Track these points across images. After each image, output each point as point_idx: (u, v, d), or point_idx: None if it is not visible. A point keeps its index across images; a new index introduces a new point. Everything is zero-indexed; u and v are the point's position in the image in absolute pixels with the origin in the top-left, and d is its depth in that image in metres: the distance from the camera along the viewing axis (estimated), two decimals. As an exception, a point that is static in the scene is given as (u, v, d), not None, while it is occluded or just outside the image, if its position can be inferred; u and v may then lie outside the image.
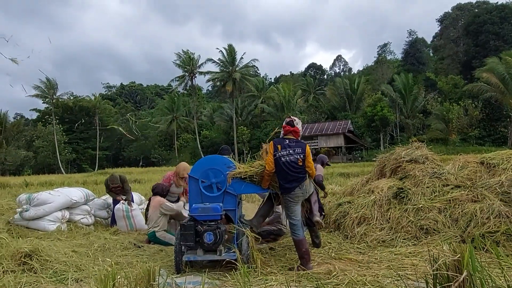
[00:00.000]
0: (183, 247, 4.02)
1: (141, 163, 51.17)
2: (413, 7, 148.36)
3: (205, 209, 3.95)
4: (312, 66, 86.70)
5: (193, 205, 4.08)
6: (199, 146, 48.50)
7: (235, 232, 4.12)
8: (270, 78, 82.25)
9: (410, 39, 63.68)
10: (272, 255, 4.75)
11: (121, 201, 6.79)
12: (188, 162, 6.61)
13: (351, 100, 50.17)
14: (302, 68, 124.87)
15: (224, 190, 4.19)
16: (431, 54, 67.95)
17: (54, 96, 48.48)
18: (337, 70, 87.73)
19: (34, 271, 3.92)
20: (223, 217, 4.13)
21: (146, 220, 6.14)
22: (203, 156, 5.11)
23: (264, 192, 4.52)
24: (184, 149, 52.37)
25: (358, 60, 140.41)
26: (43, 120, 52.15)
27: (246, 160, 4.57)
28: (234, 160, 4.45)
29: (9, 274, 3.75)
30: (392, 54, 74.94)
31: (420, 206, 5.18)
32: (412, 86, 42.90)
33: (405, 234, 4.92)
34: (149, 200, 5.93)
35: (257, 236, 4.31)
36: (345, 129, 41.11)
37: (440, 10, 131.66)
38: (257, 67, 72.07)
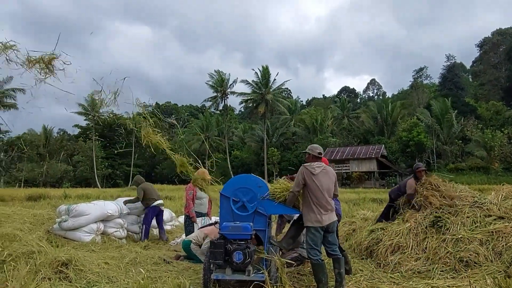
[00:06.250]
0: (212, 265, 4.02)
1: (173, 179, 51.97)
2: (450, 31, 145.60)
3: (236, 227, 3.95)
4: (345, 89, 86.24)
5: (224, 223, 4.09)
6: (229, 166, 48.88)
7: (265, 253, 4.08)
8: (302, 101, 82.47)
9: (448, 63, 62.11)
10: (301, 279, 4.64)
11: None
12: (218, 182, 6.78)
13: (386, 124, 49.11)
14: (328, 92, 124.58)
15: (255, 210, 4.18)
16: (470, 80, 65.75)
17: (97, 114, 50.95)
18: (371, 94, 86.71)
19: (69, 280, 4.06)
20: (253, 237, 4.11)
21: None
22: (233, 176, 5.17)
23: (295, 213, 4.47)
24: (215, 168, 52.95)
25: (391, 84, 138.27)
26: (84, 135, 54.78)
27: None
28: None
29: (46, 281, 3.90)
30: (429, 78, 73.23)
31: (459, 236, 4.91)
32: (447, 110, 41.49)
33: (443, 266, 4.66)
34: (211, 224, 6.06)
35: (289, 261, 4.26)
36: (378, 153, 40.02)
37: (479, 35, 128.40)
38: (289, 90, 72.67)
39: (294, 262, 5.13)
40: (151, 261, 5.42)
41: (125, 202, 7.43)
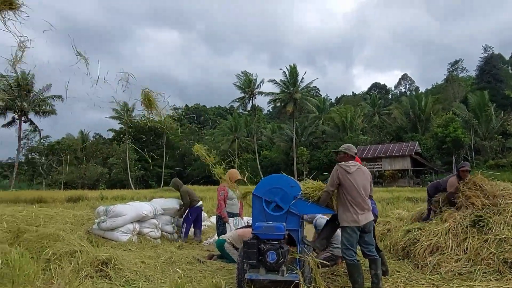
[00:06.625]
0: (245, 265, 4.05)
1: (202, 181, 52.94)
2: (486, 21, 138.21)
3: (269, 227, 3.96)
4: (376, 85, 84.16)
5: (257, 223, 4.11)
6: (258, 166, 49.01)
7: (298, 253, 4.06)
8: (330, 99, 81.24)
9: (486, 55, 59.10)
10: (335, 280, 4.58)
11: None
12: (247, 182, 6.89)
13: (419, 120, 47.45)
14: (358, 89, 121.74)
15: (287, 210, 4.17)
16: (510, 71, 62.25)
17: (129, 118, 52.72)
18: (403, 90, 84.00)
19: (109, 278, 4.23)
20: (286, 237, 4.10)
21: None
22: (262, 176, 5.20)
23: (328, 213, 4.42)
24: (244, 168, 53.21)
25: (424, 79, 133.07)
26: (118, 139, 56.82)
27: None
28: None
29: (88, 279, 4.08)
30: (465, 71, 69.99)
31: (503, 236, 4.67)
32: (485, 104, 39.48)
33: (485, 267, 4.45)
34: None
35: (323, 262, 4.21)
36: (412, 151, 38.67)
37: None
38: (318, 88, 71.87)
39: (328, 262, 5.07)
40: (186, 260, 5.53)
41: (181, 215, 7.71)
